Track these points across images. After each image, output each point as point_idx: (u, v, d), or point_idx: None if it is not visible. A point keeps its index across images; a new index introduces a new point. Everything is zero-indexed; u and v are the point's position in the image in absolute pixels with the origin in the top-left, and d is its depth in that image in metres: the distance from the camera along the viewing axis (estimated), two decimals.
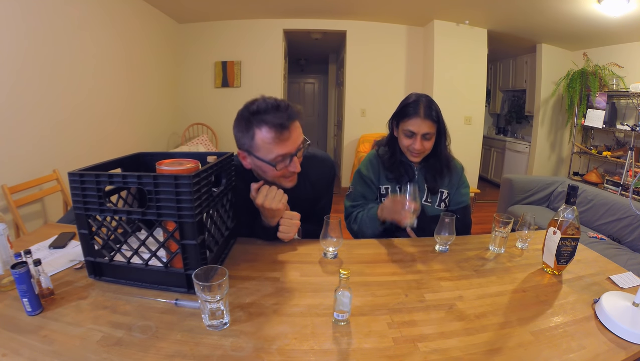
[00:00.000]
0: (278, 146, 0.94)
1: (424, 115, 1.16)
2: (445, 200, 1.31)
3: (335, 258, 1.02)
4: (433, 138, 1.21)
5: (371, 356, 0.64)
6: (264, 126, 0.93)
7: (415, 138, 1.19)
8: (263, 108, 0.93)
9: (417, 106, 1.18)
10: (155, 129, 3.96)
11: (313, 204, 1.23)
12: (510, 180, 3.12)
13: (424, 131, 1.17)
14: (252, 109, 0.94)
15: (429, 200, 1.30)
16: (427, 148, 1.21)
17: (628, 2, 2.83)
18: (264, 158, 0.96)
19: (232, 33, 4.35)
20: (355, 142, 4.63)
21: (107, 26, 2.94)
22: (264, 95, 0.99)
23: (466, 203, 1.32)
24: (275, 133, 0.92)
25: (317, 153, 1.24)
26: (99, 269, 0.85)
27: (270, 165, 0.96)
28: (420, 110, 1.17)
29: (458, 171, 1.32)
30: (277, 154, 0.95)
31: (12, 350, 0.61)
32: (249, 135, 0.95)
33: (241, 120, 0.96)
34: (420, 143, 1.19)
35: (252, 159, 0.99)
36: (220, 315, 0.69)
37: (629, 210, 2.31)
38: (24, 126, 2.16)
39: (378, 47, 4.42)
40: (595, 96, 3.85)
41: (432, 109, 1.18)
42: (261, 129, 0.93)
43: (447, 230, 1.06)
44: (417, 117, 1.17)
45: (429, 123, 1.17)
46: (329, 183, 1.26)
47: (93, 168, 0.83)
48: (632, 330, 0.69)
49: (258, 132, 0.93)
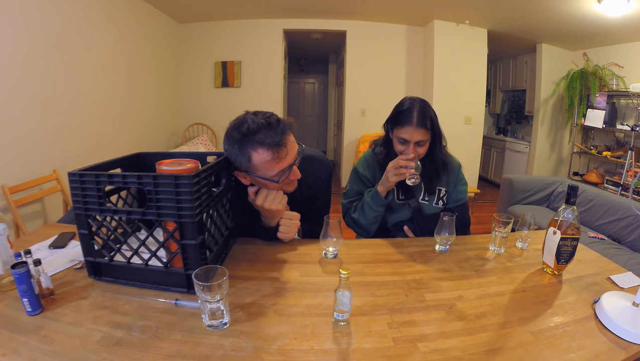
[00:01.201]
0: (277, 164, 0.93)
1: (417, 124, 1.14)
2: (443, 198, 1.30)
3: (335, 258, 1.02)
4: (427, 144, 1.20)
5: (371, 356, 0.64)
6: (259, 148, 0.90)
7: (408, 146, 1.18)
8: (254, 129, 0.90)
9: (410, 114, 1.16)
10: (155, 129, 3.96)
11: (311, 203, 1.23)
12: (510, 180, 3.12)
13: (417, 139, 1.16)
14: (242, 131, 0.91)
15: (427, 198, 1.29)
16: (421, 153, 1.20)
17: (628, 2, 2.83)
18: (264, 176, 0.95)
19: (232, 33, 4.35)
20: (355, 142, 4.63)
21: (107, 26, 2.94)
22: (248, 111, 0.97)
23: (464, 201, 1.32)
24: (272, 153, 0.91)
25: (313, 153, 1.24)
26: (98, 269, 0.85)
27: (273, 181, 0.96)
28: (414, 118, 1.15)
29: (455, 169, 1.32)
30: (278, 171, 0.94)
31: (12, 350, 0.61)
32: (245, 158, 0.92)
33: (233, 142, 0.93)
34: (414, 150, 1.17)
35: (252, 178, 0.98)
36: (220, 315, 0.69)
37: (629, 210, 2.31)
38: (24, 126, 2.16)
39: (378, 47, 4.42)
40: (595, 96, 3.85)
41: (425, 117, 1.16)
42: (257, 151, 0.91)
43: (447, 230, 1.06)
44: (409, 125, 1.15)
45: (422, 131, 1.16)
46: (326, 182, 1.26)
47: (93, 168, 0.83)
48: (632, 330, 0.69)
49: (255, 153, 0.91)
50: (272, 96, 4.50)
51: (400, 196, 1.29)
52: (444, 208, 1.31)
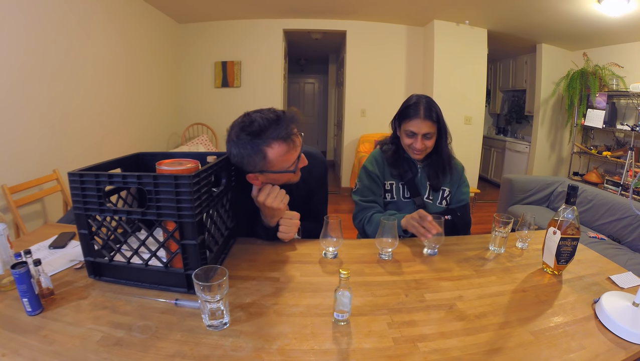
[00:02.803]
0: (292, 155, 0.98)
1: (423, 116, 1.21)
2: (446, 198, 1.34)
3: (335, 258, 1.02)
4: (434, 137, 1.25)
5: (371, 356, 0.64)
6: (274, 143, 0.93)
7: (416, 138, 1.24)
8: (265, 126, 0.93)
9: (417, 107, 1.22)
10: (155, 129, 3.96)
11: (307, 201, 1.23)
12: (510, 180, 3.12)
13: (424, 131, 1.22)
14: (252, 130, 0.93)
15: (431, 197, 1.33)
16: (429, 146, 1.25)
17: (628, 2, 2.83)
18: (281, 170, 0.98)
19: (232, 33, 4.35)
20: (355, 142, 4.63)
21: (107, 26, 2.94)
22: (247, 112, 0.98)
23: (466, 202, 1.35)
24: (286, 146, 0.95)
25: (308, 150, 1.24)
26: (98, 269, 0.85)
27: (290, 172, 1.00)
28: (421, 111, 1.21)
29: (459, 170, 1.36)
30: (293, 161, 0.98)
31: (12, 350, 0.61)
32: (260, 156, 0.94)
33: (244, 144, 0.94)
34: (421, 143, 1.23)
35: (266, 177, 1.00)
36: (220, 315, 0.69)
37: (629, 210, 2.31)
38: (24, 126, 2.16)
39: (378, 47, 4.42)
40: (595, 96, 3.84)
41: (432, 110, 1.22)
42: (271, 146, 0.94)
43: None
44: (417, 118, 1.21)
45: (429, 123, 1.21)
46: (321, 178, 1.27)
47: (93, 169, 0.83)
48: (632, 330, 0.69)
49: (269, 150, 0.94)
50: (272, 96, 4.50)
51: (406, 194, 1.33)
52: (447, 209, 1.33)
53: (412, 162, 1.34)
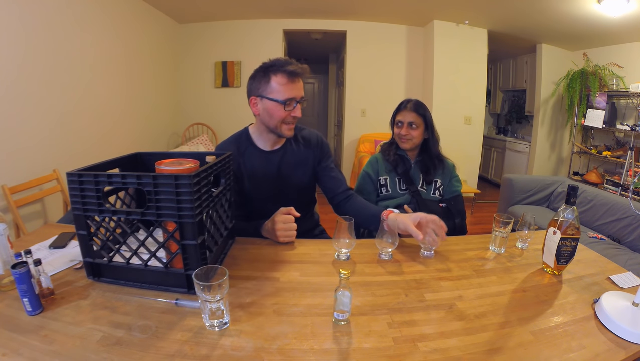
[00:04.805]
0: (290, 89, 1.12)
1: (410, 108, 1.44)
2: (439, 189, 1.48)
3: (348, 259, 1.01)
4: (419, 129, 1.43)
5: (371, 356, 0.64)
6: (279, 72, 1.11)
7: (402, 127, 1.44)
8: (278, 62, 1.11)
9: (407, 102, 1.47)
10: (155, 129, 3.96)
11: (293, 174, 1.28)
12: (510, 180, 3.12)
13: (410, 120, 1.43)
14: (268, 64, 1.13)
15: (424, 187, 1.48)
16: (414, 136, 1.43)
17: (628, 2, 2.82)
18: (276, 99, 1.12)
19: (232, 33, 4.34)
20: (355, 142, 4.63)
21: (107, 26, 2.94)
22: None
23: (459, 192, 1.49)
24: (288, 78, 1.11)
25: (305, 127, 1.38)
26: (98, 270, 0.85)
27: (281, 103, 1.12)
28: (409, 105, 1.46)
29: (450, 166, 1.53)
30: (288, 96, 1.11)
31: (12, 350, 0.61)
32: (265, 80, 1.12)
33: (259, 72, 1.14)
34: (407, 130, 1.43)
35: (263, 103, 1.14)
36: (220, 314, 0.69)
37: (629, 210, 2.31)
38: (24, 126, 2.16)
39: (378, 47, 4.42)
40: (595, 96, 3.84)
41: (419, 106, 1.45)
42: (277, 75, 1.11)
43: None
44: (404, 109, 1.45)
45: (414, 114, 1.43)
46: (320, 141, 1.35)
47: (91, 169, 0.82)
48: (632, 330, 0.69)
49: (274, 77, 1.11)
50: None
51: (402, 186, 1.47)
52: (441, 199, 1.47)
53: (406, 158, 1.50)
